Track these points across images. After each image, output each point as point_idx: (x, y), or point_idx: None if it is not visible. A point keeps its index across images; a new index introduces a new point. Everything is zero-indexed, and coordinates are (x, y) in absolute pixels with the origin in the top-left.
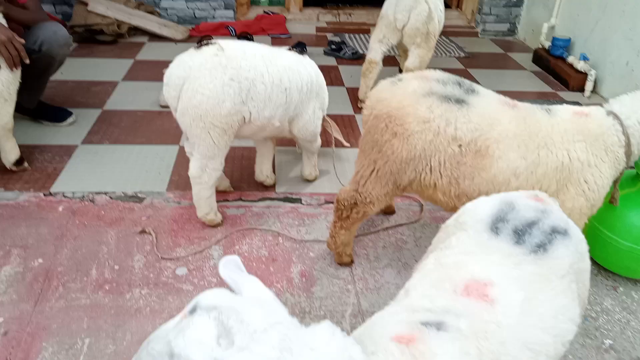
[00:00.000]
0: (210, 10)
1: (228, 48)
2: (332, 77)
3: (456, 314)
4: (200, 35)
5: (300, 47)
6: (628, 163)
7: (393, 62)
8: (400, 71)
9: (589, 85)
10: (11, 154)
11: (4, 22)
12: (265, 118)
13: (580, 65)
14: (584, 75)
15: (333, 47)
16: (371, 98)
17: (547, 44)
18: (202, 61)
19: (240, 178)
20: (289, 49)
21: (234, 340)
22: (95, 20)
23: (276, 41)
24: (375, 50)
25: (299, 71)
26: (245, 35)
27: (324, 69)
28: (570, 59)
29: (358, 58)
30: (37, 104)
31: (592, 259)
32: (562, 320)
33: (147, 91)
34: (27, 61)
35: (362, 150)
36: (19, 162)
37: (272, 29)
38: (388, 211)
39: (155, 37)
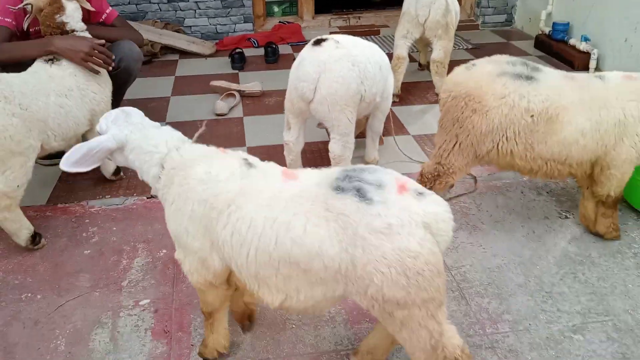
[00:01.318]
0: (231, 24)
1: (340, 40)
2: None
3: None
4: (226, 49)
5: None
6: None
7: (411, 58)
8: (420, 65)
9: (592, 64)
10: (111, 165)
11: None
12: (373, 94)
13: (583, 46)
14: (587, 54)
15: None
16: (448, 82)
17: (547, 30)
18: (330, 54)
19: None
20: None
21: (117, 123)
22: None
23: (296, 48)
24: (401, 46)
25: (380, 52)
26: (270, 45)
27: None
28: (572, 41)
29: None
30: None
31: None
32: None
33: (199, 103)
34: (113, 64)
35: (442, 127)
36: (117, 172)
37: (290, 38)
38: None
39: (184, 53)
